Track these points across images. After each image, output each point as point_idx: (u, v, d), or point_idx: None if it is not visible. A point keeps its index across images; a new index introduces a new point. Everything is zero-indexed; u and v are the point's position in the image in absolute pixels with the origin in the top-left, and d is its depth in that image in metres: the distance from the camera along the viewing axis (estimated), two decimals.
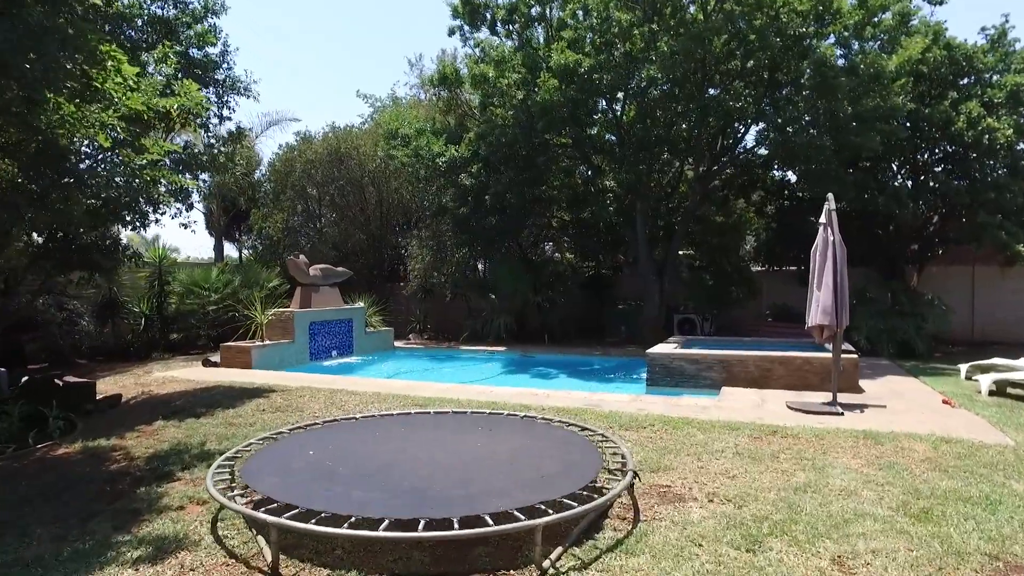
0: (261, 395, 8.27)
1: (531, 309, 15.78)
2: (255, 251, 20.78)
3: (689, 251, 16.64)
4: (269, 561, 3.32)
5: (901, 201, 11.74)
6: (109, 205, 7.73)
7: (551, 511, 3.41)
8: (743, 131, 13.33)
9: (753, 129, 13.04)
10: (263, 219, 19.94)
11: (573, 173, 15.41)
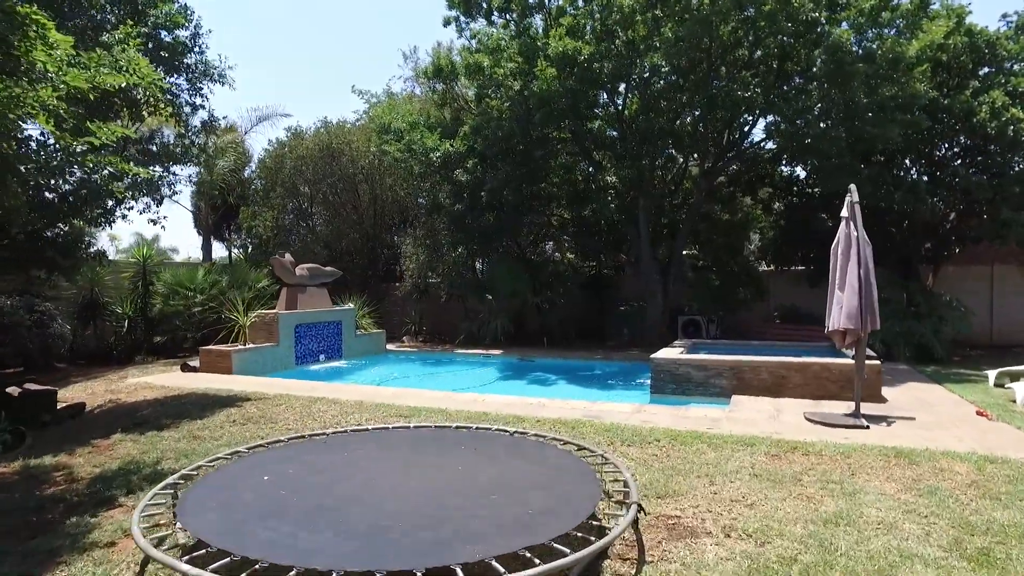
0: (234, 404, 7.67)
1: (530, 310, 15.18)
2: (245, 250, 20.19)
3: (694, 250, 16.04)
4: None
5: (919, 197, 11.09)
6: (68, 198, 7.16)
7: (538, 560, 2.80)
8: (751, 124, 12.69)
9: (762, 122, 12.41)
10: (252, 217, 19.35)
11: (573, 169, 14.78)
